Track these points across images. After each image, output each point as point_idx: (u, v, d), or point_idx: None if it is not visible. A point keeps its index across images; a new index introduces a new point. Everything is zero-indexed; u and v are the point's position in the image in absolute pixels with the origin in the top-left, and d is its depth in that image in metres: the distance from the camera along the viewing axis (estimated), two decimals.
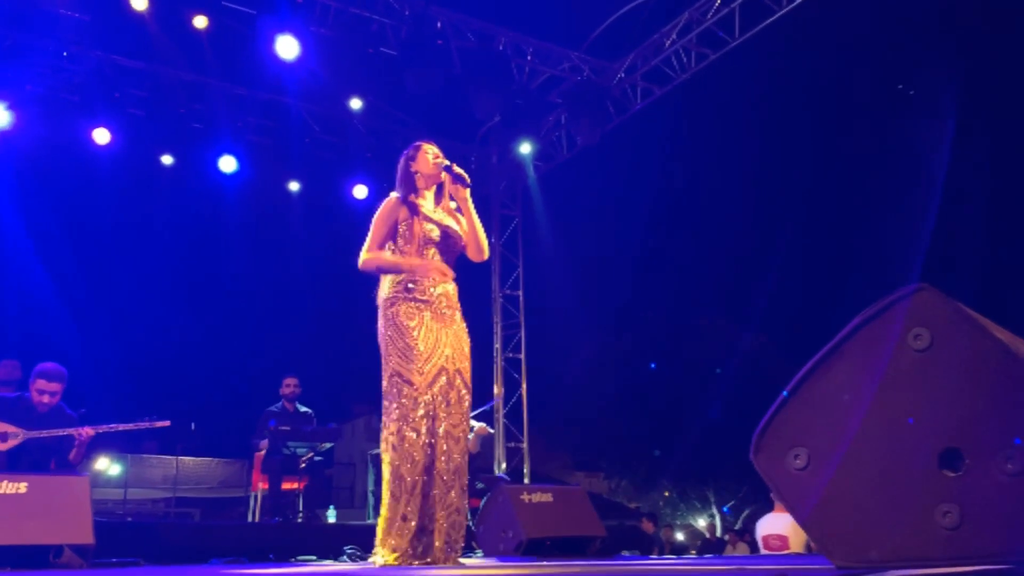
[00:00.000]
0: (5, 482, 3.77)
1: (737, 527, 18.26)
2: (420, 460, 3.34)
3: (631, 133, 9.80)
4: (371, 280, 3.69)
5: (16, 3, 7.44)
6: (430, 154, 3.70)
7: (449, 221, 3.69)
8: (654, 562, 4.69)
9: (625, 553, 6.71)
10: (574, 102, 8.98)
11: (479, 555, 5.37)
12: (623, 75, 9.05)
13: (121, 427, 5.24)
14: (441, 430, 3.41)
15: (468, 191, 3.67)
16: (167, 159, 9.26)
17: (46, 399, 5.06)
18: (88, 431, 5.07)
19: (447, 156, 3.80)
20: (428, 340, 3.45)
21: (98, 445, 5.75)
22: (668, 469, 23.61)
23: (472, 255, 3.73)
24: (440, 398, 3.44)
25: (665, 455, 22.56)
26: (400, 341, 3.44)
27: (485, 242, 3.71)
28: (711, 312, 19.94)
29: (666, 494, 25.85)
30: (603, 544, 5.36)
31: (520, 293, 10.88)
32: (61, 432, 5.04)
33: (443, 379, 3.46)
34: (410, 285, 3.53)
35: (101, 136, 8.55)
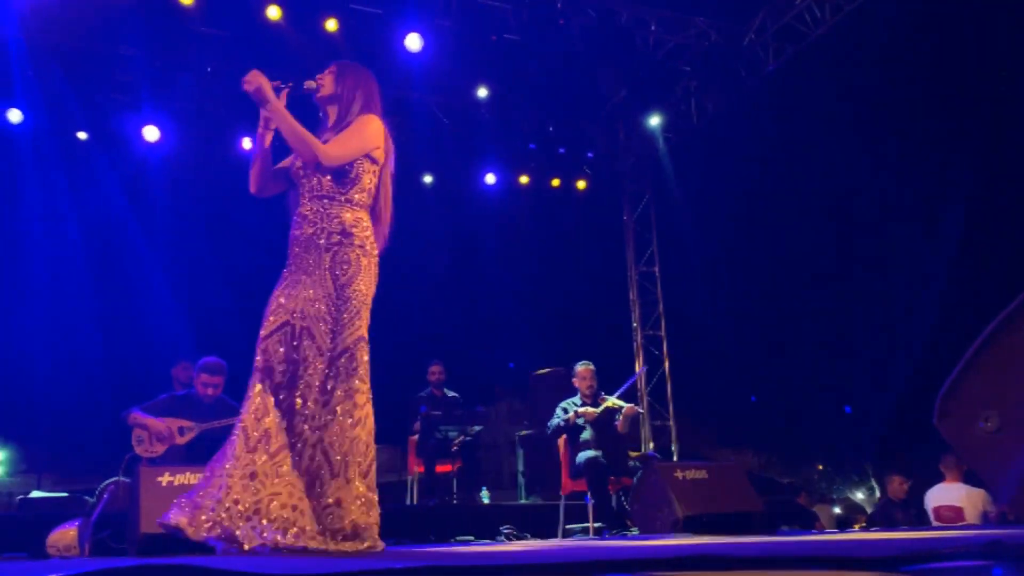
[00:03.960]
0: (188, 473, 4.05)
1: None
2: (246, 424, 2.89)
3: (767, 95, 9.35)
4: (502, 265, 3.66)
5: (163, 29, 7.94)
6: None
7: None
8: (847, 534, 4.52)
9: (784, 528, 6.51)
10: (703, 68, 8.74)
11: (634, 532, 5.35)
12: (753, 36, 8.71)
13: None
14: (281, 397, 2.92)
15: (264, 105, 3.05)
16: None
17: (211, 391, 5.40)
18: None
19: (572, 137, 3.69)
20: (278, 291, 3.04)
21: None
22: (819, 443, 22.73)
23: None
24: (276, 358, 2.94)
25: (814, 428, 21.74)
26: None
27: (304, 146, 3.00)
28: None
29: (820, 467, 24.98)
30: (763, 520, 5.22)
31: (656, 269, 10.70)
32: (231, 421, 5.36)
33: (277, 337, 2.95)
34: None
35: (247, 145, 9.03)
